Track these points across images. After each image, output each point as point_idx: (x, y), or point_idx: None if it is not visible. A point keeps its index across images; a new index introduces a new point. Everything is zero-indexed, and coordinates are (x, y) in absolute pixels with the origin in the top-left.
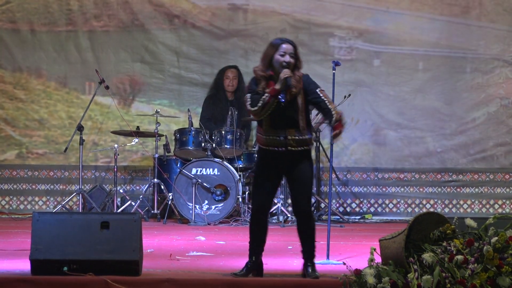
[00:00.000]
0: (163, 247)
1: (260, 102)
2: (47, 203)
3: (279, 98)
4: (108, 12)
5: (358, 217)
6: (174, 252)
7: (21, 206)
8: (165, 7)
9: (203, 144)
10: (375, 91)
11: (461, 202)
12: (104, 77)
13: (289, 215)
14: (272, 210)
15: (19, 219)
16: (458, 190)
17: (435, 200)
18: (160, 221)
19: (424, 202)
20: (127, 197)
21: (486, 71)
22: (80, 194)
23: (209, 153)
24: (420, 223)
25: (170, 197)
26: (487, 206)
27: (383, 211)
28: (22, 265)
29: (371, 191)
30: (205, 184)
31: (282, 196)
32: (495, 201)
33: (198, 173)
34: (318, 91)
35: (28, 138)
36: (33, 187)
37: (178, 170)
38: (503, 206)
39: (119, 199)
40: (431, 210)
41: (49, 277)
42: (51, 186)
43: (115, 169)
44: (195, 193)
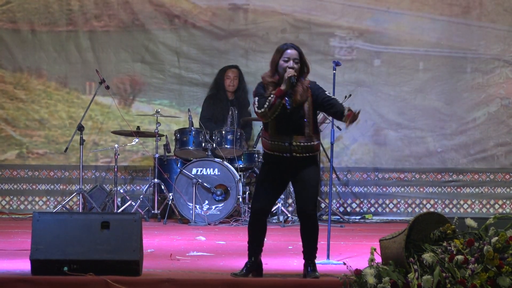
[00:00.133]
0: (164, 247)
1: (267, 103)
2: (48, 203)
3: (286, 101)
4: (109, 12)
5: (359, 217)
6: (175, 252)
7: (22, 206)
8: (166, 7)
9: (204, 144)
10: (376, 91)
11: (462, 202)
12: (105, 77)
13: (289, 215)
14: (273, 210)
15: (19, 219)
16: (459, 190)
17: (436, 200)
18: (161, 221)
19: (425, 202)
20: (128, 197)
21: (487, 71)
22: (81, 194)
23: (210, 153)
24: (420, 223)
25: (171, 197)
26: (488, 206)
27: (384, 211)
28: (22, 265)
29: (372, 191)
30: (206, 184)
31: (283, 196)
32: (496, 201)
33: (199, 173)
34: (327, 93)
35: (29, 138)
36: (34, 187)
37: (179, 170)
38: (504, 206)
39: (120, 199)
40: (432, 210)
41: (49, 277)
42: (52, 186)
43: (116, 169)
44: (196, 193)
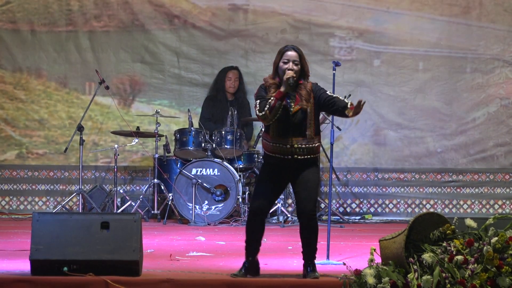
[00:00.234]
0: (163, 248)
1: (267, 106)
2: (47, 204)
3: (287, 103)
4: (108, 12)
5: (358, 218)
6: (174, 253)
7: (21, 207)
8: (165, 7)
9: (203, 145)
10: (375, 91)
11: (461, 203)
12: (104, 77)
13: (289, 215)
14: (272, 210)
15: (19, 220)
16: (458, 191)
17: (435, 201)
18: (160, 222)
19: (424, 203)
20: (127, 198)
21: (486, 71)
22: (80, 194)
23: (209, 154)
24: (420, 224)
25: (170, 198)
26: (487, 207)
27: (383, 212)
28: (22, 265)
29: (371, 191)
30: (205, 185)
31: (282, 196)
32: (495, 202)
33: (198, 174)
34: (328, 93)
35: (28, 138)
36: (33, 188)
37: (178, 171)
38: (503, 207)
39: (119, 199)
40: (431, 211)
41: (49, 278)
42: (51, 186)
43: (115, 169)
44: (195, 194)
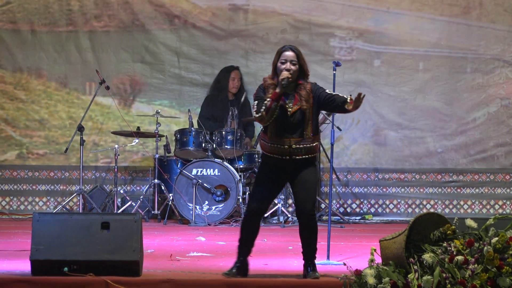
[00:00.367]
0: (164, 248)
1: (263, 107)
2: (48, 204)
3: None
4: (109, 13)
5: (359, 218)
6: (175, 253)
7: (22, 207)
8: (166, 8)
9: (204, 145)
10: (376, 92)
11: (462, 203)
12: (105, 78)
13: (289, 215)
14: (272, 211)
15: (20, 220)
16: (459, 191)
17: (436, 201)
18: (161, 222)
19: (425, 203)
20: (128, 198)
21: (487, 71)
22: (81, 195)
23: (210, 154)
24: (421, 224)
25: (171, 198)
26: (488, 207)
27: (384, 212)
28: (23, 266)
29: (372, 192)
30: (206, 185)
31: (283, 196)
32: (496, 202)
33: (199, 174)
34: (328, 91)
35: (29, 139)
36: (34, 188)
37: (179, 171)
38: (504, 207)
39: (120, 200)
40: (432, 211)
41: (50, 278)
42: (52, 187)
43: (116, 170)
44: (196, 194)
